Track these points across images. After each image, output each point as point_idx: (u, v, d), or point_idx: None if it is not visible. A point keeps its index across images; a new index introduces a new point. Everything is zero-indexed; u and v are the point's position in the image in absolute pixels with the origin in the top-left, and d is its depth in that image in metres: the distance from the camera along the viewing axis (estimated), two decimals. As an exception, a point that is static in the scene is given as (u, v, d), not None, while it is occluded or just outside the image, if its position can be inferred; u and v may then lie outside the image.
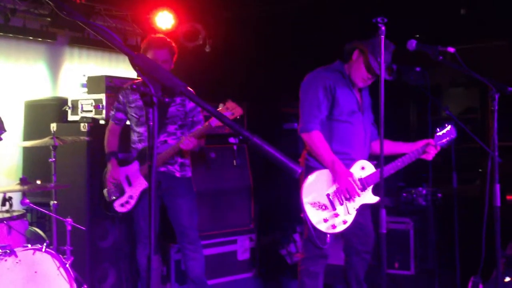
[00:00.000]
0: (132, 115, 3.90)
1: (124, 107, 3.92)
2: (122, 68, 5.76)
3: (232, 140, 4.90)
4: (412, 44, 3.01)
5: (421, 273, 4.82)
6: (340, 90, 3.43)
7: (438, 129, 3.56)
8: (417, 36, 3.29)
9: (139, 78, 3.95)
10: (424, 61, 3.44)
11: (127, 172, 3.87)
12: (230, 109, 3.46)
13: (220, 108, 3.52)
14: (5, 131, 2.17)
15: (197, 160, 4.53)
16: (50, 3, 1.57)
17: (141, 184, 3.82)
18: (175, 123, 3.87)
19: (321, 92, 3.40)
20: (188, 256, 3.92)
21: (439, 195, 4.98)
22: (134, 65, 1.54)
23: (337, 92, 3.41)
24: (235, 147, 4.92)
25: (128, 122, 4.02)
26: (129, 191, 3.85)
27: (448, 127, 3.57)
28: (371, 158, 3.54)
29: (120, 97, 3.94)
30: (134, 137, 3.91)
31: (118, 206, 3.87)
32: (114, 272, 4.36)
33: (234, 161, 4.91)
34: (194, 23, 5.63)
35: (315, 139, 3.36)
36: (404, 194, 5.04)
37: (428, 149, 3.47)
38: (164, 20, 5.35)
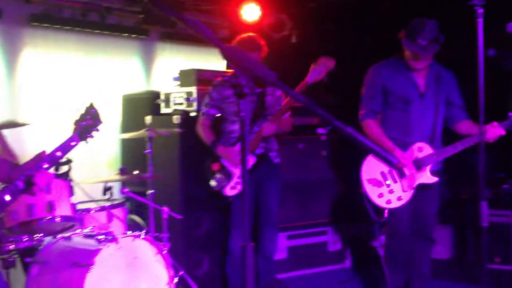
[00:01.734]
0: (231, 109, 3.93)
1: (218, 103, 3.97)
2: (212, 61, 5.89)
3: (320, 130, 4.87)
4: (511, 26, 2.89)
5: (523, 268, 4.56)
6: (395, 81, 3.70)
7: (510, 113, 3.62)
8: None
9: (229, 71, 4.07)
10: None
11: (230, 153, 3.92)
12: (323, 64, 3.58)
13: (314, 65, 3.62)
14: (101, 122, 2.29)
15: (285, 150, 4.55)
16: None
17: (248, 160, 3.84)
18: (273, 113, 3.91)
19: (375, 86, 3.74)
20: (265, 236, 4.02)
21: (543, 186, 4.68)
22: (225, 57, 1.57)
23: (392, 83, 3.70)
24: (323, 138, 4.89)
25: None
26: (237, 172, 3.90)
27: None
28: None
29: (213, 94, 3.98)
30: (234, 126, 3.95)
31: (228, 190, 3.90)
32: (208, 260, 4.49)
33: (322, 152, 4.88)
34: (279, 14, 5.64)
35: (368, 127, 3.72)
36: (505, 186, 4.77)
37: (489, 128, 3.49)
38: (251, 12, 5.41)
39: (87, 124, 2.22)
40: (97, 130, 2.25)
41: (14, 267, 3.41)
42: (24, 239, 3.33)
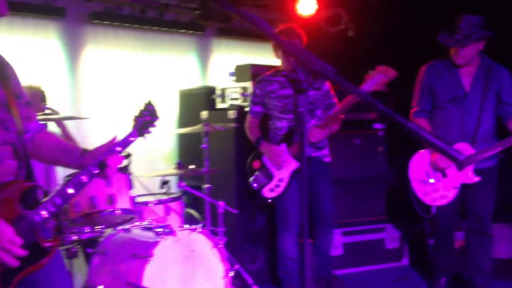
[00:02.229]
0: (276, 105, 3.85)
1: (261, 100, 3.91)
2: (266, 57, 5.89)
3: (377, 125, 4.78)
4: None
5: None
6: (441, 80, 3.74)
7: None
8: None
9: (281, 66, 4.03)
10: None
11: (272, 152, 3.82)
12: (382, 72, 3.38)
13: (370, 74, 3.42)
14: (158, 118, 2.33)
15: (341, 146, 4.50)
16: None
17: (290, 165, 3.76)
18: (319, 108, 3.86)
19: (424, 85, 3.82)
20: (321, 235, 3.96)
21: None
22: (285, 52, 1.55)
23: (437, 82, 3.76)
24: (380, 133, 4.79)
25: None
26: (278, 174, 3.80)
27: None
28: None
29: (257, 90, 3.93)
30: (282, 123, 3.85)
31: (267, 192, 3.82)
32: (263, 255, 4.50)
33: (379, 147, 4.79)
34: (336, 7, 5.56)
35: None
36: None
37: None
38: (307, 6, 5.37)
39: (146, 120, 2.26)
40: (155, 126, 2.29)
41: (77, 257, 3.53)
42: (86, 231, 3.44)
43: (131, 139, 2.18)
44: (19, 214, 1.88)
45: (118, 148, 2.10)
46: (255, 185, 3.87)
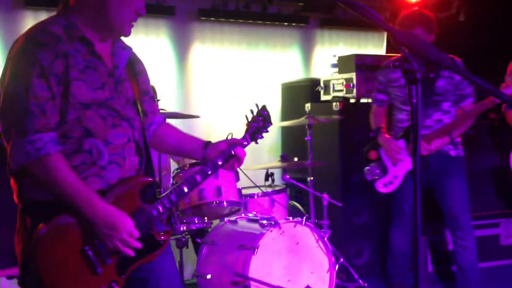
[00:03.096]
0: (397, 94, 3.68)
1: (385, 88, 3.74)
2: (370, 47, 5.74)
3: (492, 116, 4.49)
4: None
5: None
6: None
7: None
8: None
9: (392, 54, 3.89)
10: None
11: (390, 147, 3.66)
12: None
13: (505, 83, 3.20)
14: (271, 124, 2.37)
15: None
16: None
17: (406, 164, 3.61)
18: (448, 100, 3.60)
19: None
20: (457, 243, 3.69)
21: None
22: (397, 42, 1.50)
23: None
24: (496, 123, 4.50)
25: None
26: (393, 171, 3.66)
27: None
28: None
29: (380, 77, 3.77)
30: (402, 115, 3.68)
31: (380, 186, 3.70)
32: (368, 249, 4.42)
33: (495, 138, 4.50)
34: (445, -10, 5.29)
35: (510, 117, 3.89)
36: None
37: None
38: (414, -9, 5.15)
39: (259, 125, 2.30)
40: (267, 131, 2.34)
41: (186, 247, 3.68)
42: (195, 221, 3.57)
43: (245, 143, 2.24)
44: (138, 207, 1.98)
45: (232, 152, 2.16)
46: (368, 177, 3.74)
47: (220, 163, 2.13)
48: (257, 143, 2.31)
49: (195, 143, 2.22)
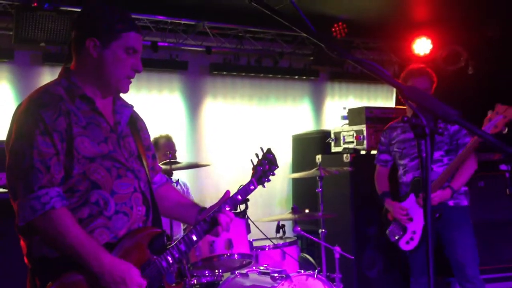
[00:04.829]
0: (395, 150, 3.77)
1: (387, 148, 3.83)
2: (380, 99, 5.82)
3: (503, 167, 4.48)
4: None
5: None
6: None
7: None
8: None
9: (401, 107, 3.94)
10: None
11: (406, 207, 3.67)
12: (501, 112, 3.12)
13: (489, 115, 3.21)
14: (277, 167, 2.38)
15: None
16: (322, 44, 1.67)
17: (420, 218, 3.59)
18: (440, 149, 3.66)
19: None
20: None
21: None
22: (405, 97, 1.53)
23: None
24: (507, 175, 4.49)
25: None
26: (411, 226, 3.65)
27: None
28: None
29: (382, 138, 3.87)
30: (400, 171, 3.76)
31: (403, 245, 3.66)
32: (382, 303, 4.34)
33: (507, 190, 4.47)
34: (454, 45, 5.39)
35: None
36: None
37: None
38: (422, 46, 5.28)
39: (265, 169, 2.31)
40: (274, 174, 2.34)
41: (197, 300, 3.63)
42: (206, 274, 3.54)
43: (251, 187, 2.24)
44: (148, 259, 1.98)
45: (228, 208, 2.16)
46: (392, 238, 3.72)
47: (206, 228, 2.12)
48: (264, 186, 2.31)
49: (191, 210, 2.22)
